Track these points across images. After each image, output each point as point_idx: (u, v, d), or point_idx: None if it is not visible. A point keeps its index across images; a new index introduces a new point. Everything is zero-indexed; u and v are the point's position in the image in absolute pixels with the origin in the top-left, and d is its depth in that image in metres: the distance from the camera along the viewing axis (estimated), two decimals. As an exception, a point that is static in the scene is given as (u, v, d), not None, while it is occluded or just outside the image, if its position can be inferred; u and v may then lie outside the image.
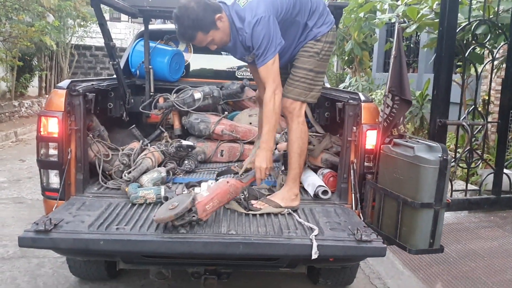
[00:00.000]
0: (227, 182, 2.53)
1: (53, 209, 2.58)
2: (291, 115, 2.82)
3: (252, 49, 2.62)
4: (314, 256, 2.17)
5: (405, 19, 5.51)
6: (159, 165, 3.22)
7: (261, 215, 2.58)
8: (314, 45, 2.78)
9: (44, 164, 2.76)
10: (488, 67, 5.39)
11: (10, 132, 9.21)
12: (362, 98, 2.83)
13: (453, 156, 4.59)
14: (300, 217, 2.54)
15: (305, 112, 3.36)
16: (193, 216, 2.28)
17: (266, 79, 2.62)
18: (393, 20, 5.32)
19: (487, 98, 5.35)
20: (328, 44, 2.82)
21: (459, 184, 5.08)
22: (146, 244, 2.22)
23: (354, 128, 2.85)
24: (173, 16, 2.60)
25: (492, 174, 4.82)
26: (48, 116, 2.68)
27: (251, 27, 2.52)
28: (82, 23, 12.54)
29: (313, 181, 3.03)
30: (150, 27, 4.33)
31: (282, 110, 2.81)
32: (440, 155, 2.40)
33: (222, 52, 4.64)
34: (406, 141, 2.61)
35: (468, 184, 4.83)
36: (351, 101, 2.90)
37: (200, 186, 2.92)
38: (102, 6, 3.20)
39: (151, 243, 2.22)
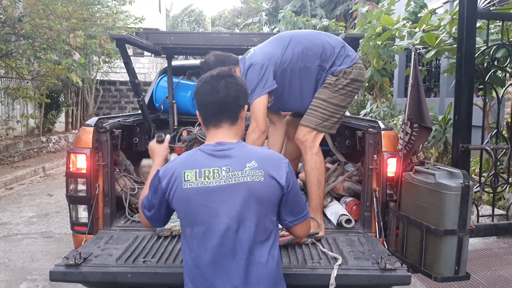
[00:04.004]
0: None
1: (82, 243, 2.65)
2: (304, 146, 2.86)
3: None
4: (331, 287, 2.18)
5: (421, 47, 5.53)
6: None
7: (285, 245, 2.60)
8: (330, 78, 2.86)
9: (73, 200, 2.85)
10: (510, 89, 5.35)
11: (38, 168, 9.45)
12: (382, 126, 2.86)
13: (478, 180, 4.53)
14: (324, 247, 2.55)
15: (326, 141, 3.39)
16: None
17: (252, 115, 2.82)
18: (410, 47, 5.37)
19: (510, 120, 5.29)
20: (346, 80, 2.84)
21: (485, 209, 5.00)
22: (172, 276, 2.27)
23: (375, 156, 2.87)
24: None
25: (520, 198, 4.74)
26: (76, 153, 2.79)
27: (245, 71, 2.82)
28: (106, 59, 12.91)
29: (336, 210, 3.04)
30: (173, 63, 4.45)
31: (296, 140, 2.93)
32: (461, 181, 2.40)
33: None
34: (427, 168, 2.62)
35: (495, 209, 4.74)
36: (371, 129, 2.93)
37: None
38: (126, 45, 3.33)
39: (177, 275, 2.26)
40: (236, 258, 1.73)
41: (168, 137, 2.28)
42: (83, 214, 2.85)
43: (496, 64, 4.80)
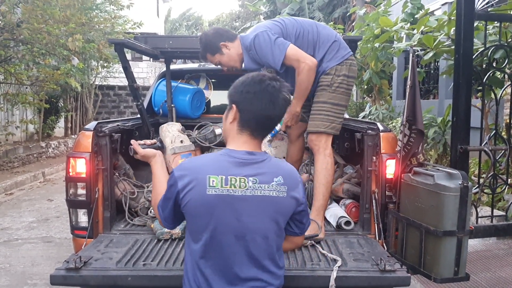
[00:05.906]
0: None
1: (82, 247, 2.66)
2: (317, 147, 2.91)
3: (261, 61, 2.91)
4: None
5: (419, 49, 5.54)
6: (183, 201, 3.28)
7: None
8: (325, 79, 2.93)
9: (73, 204, 2.86)
10: (508, 90, 5.36)
11: (38, 173, 9.45)
12: (381, 128, 2.88)
13: (477, 181, 4.54)
14: (323, 249, 2.56)
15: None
16: None
17: (292, 62, 2.83)
18: (408, 49, 5.39)
19: (509, 122, 5.29)
20: (340, 77, 2.92)
21: (485, 210, 5.00)
22: (172, 279, 2.27)
23: (374, 158, 2.88)
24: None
25: (518, 199, 4.74)
26: (76, 157, 2.80)
27: (252, 43, 2.87)
28: (105, 64, 12.92)
29: (335, 212, 3.05)
30: (172, 67, 4.46)
31: (309, 143, 2.98)
32: (460, 182, 2.41)
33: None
34: (426, 169, 2.63)
35: (495, 210, 4.74)
36: (370, 131, 2.94)
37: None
38: (125, 49, 3.34)
39: (177, 278, 2.27)
40: (244, 266, 1.74)
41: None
42: (83, 218, 2.86)
43: (494, 65, 4.81)
